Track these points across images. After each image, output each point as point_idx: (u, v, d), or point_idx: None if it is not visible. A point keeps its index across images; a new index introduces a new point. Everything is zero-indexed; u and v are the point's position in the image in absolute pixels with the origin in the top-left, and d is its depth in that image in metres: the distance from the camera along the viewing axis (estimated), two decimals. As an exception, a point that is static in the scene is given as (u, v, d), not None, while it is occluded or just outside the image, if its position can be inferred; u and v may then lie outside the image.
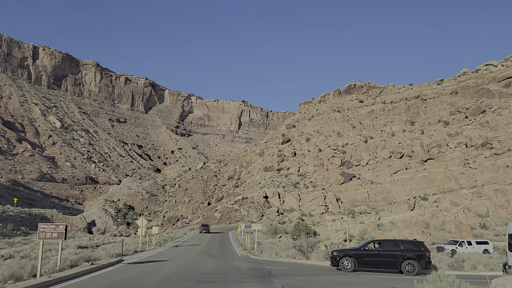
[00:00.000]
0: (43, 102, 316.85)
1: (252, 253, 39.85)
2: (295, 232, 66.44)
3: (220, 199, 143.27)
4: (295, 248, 35.16)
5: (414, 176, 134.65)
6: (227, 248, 47.23)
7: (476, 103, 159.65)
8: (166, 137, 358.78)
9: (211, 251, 41.20)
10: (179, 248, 45.37)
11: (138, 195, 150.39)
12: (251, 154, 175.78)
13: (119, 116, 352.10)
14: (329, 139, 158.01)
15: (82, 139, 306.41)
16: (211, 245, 49.48)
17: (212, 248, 45.11)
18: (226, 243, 54.41)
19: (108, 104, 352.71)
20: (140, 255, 35.94)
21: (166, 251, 41.08)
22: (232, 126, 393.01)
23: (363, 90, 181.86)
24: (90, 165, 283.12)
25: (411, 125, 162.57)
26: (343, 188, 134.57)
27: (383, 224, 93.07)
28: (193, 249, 44.02)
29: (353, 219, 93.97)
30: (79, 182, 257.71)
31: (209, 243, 52.93)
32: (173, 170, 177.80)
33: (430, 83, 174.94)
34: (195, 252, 39.38)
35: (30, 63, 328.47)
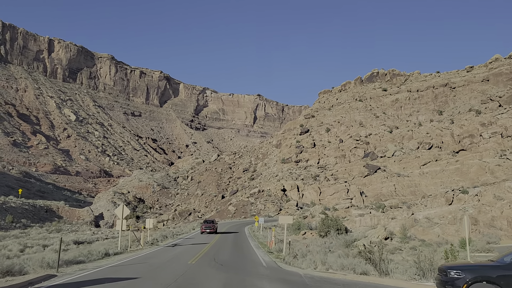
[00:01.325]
0: (58, 95, 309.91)
1: (282, 258, 27.66)
2: (323, 228, 54.92)
3: (235, 192, 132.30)
4: (361, 256, 22.51)
5: (445, 168, 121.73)
6: (243, 249, 35.14)
7: (510, 91, 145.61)
8: (180, 131, 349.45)
9: (219, 255, 29.27)
10: (176, 250, 33.69)
11: (149, 188, 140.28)
12: (267, 146, 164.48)
13: (134, 109, 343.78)
14: (351, 130, 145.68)
15: (96, 132, 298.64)
16: (221, 245, 38.18)
17: (222, 250, 33.46)
18: (241, 241, 42.98)
19: (123, 97, 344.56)
20: (105, 263, 24.21)
21: (153, 254, 29.43)
22: (247, 120, 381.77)
23: (387, 78, 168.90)
24: (104, 158, 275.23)
25: (439, 115, 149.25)
26: (367, 181, 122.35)
27: (418, 219, 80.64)
28: (195, 251, 32.20)
29: (383, 214, 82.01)
30: (93, 175, 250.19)
31: (219, 241, 41.27)
32: (186, 163, 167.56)
33: (459, 71, 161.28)
34: (193, 258, 26.72)
35: (46, 56, 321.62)
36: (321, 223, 56.07)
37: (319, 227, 55.86)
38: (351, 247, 44.69)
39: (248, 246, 37.52)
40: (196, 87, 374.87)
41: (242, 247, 36.14)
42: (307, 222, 70.80)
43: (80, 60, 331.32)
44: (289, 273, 21.06)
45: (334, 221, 55.11)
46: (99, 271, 19.97)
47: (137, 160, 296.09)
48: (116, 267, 21.69)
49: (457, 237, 60.46)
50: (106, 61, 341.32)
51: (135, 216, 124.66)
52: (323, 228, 54.99)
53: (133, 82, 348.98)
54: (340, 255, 24.93)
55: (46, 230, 79.99)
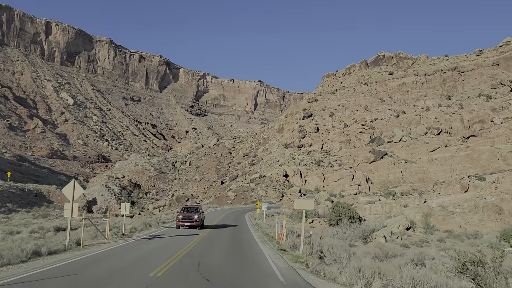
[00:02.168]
0: (56, 79, 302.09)
1: (303, 262, 18.24)
2: (333, 215, 48.43)
3: (235, 178, 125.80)
4: (459, 271, 11.72)
5: (454, 154, 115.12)
6: (244, 245, 26.07)
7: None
8: (180, 117, 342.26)
9: (208, 256, 20.21)
10: (149, 245, 24.75)
11: (146, 172, 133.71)
12: (269, 131, 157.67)
13: (133, 94, 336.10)
14: (356, 114, 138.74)
15: (95, 117, 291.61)
16: (214, 237, 29.47)
17: (214, 246, 24.57)
18: (241, 232, 34.70)
19: (122, 82, 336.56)
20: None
21: (109, 254, 20.33)
22: (248, 107, 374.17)
23: (393, 62, 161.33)
24: (103, 143, 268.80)
25: (448, 100, 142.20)
26: (373, 167, 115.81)
27: (431, 208, 74.01)
28: (174, 248, 23.20)
29: (394, 201, 75.49)
30: (90, 160, 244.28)
31: (213, 231, 34.08)
32: (184, 147, 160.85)
33: (468, 54, 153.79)
34: (164, 264, 17.34)
35: (43, 38, 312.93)
36: (331, 210, 49.54)
37: (329, 214, 49.35)
38: (369, 239, 38.22)
39: (251, 240, 28.89)
40: (197, 72, 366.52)
41: (242, 241, 27.72)
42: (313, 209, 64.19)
43: (78, 43, 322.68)
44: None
45: (346, 208, 48.54)
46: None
47: (136, 146, 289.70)
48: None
49: (482, 227, 53.91)
50: (105, 44, 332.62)
51: (130, 202, 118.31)
52: (333, 216, 48.52)
53: (132, 66, 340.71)
54: (374, 255, 17.58)
55: (32, 216, 73.38)
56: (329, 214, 49.00)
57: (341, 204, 49.11)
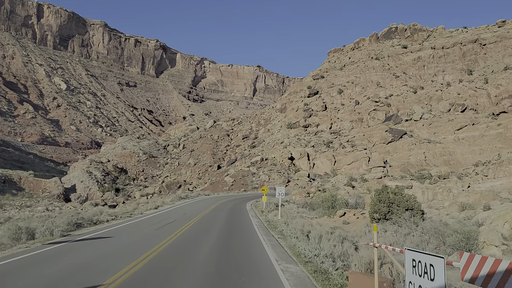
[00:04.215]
0: (48, 63, 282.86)
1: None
2: (379, 206, 31.00)
3: (233, 162, 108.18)
4: None
5: (484, 133, 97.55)
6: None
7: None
8: (177, 103, 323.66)
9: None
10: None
11: (134, 156, 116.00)
12: (270, 111, 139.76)
13: (128, 79, 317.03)
14: (368, 91, 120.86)
15: (89, 102, 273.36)
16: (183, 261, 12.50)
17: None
18: (242, 248, 15.46)
19: (117, 67, 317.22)
20: None
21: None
22: (246, 92, 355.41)
23: (407, 34, 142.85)
24: (97, 129, 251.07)
25: (469, 75, 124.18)
26: (391, 148, 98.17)
27: (478, 192, 56.04)
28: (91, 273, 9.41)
29: (434, 186, 57.96)
30: (83, 146, 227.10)
31: (188, 236, 16.22)
32: (178, 130, 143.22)
33: (489, 26, 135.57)
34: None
35: (35, 22, 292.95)
36: (375, 198, 31.90)
37: (372, 205, 31.76)
38: (476, 248, 20.82)
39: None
40: (194, 57, 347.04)
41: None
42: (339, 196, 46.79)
43: (72, 26, 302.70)
44: None
45: (400, 196, 30.93)
46: None
47: (131, 132, 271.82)
48: None
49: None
50: (99, 28, 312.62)
51: (114, 189, 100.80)
52: (378, 207, 31.02)
53: (128, 51, 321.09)
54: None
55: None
56: (371, 204, 31.69)
57: (391, 190, 31.59)
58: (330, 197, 35.96)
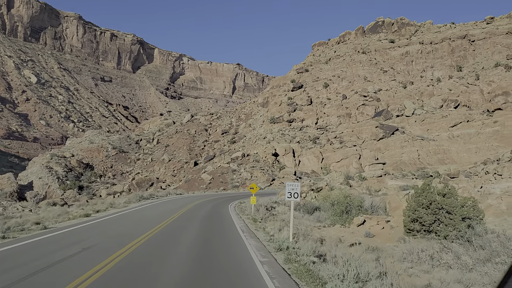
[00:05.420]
0: (18, 55, 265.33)
1: None
2: (419, 212, 21.23)
3: (211, 158, 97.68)
4: None
5: (480, 131, 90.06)
6: None
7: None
8: (155, 99, 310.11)
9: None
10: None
11: (102, 151, 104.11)
12: (251, 105, 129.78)
13: (103, 74, 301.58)
14: (355, 85, 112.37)
15: (60, 97, 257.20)
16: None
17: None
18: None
19: (92, 61, 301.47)
20: None
21: None
22: (225, 90, 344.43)
23: (394, 29, 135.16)
24: (68, 125, 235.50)
25: (458, 71, 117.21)
26: (383, 145, 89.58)
27: (493, 194, 47.12)
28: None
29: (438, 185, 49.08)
30: (53, 142, 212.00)
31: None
32: (153, 124, 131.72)
33: (477, 22, 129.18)
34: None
35: (4, 12, 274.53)
36: (413, 201, 22.24)
37: (410, 210, 22.07)
38: None
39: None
40: (172, 53, 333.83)
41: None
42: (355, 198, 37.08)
43: (44, 18, 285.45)
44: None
45: (452, 198, 21.33)
46: None
47: (105, 128, 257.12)
48: None
49: None
50: (73, 20, 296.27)
51: (77, 187, 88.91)
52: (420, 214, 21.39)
53: (103, 45, 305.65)
54: None
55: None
56: (407, 209, 22.10)
57: (438, 190, 22.02)
58: (344, 199, 26.10)
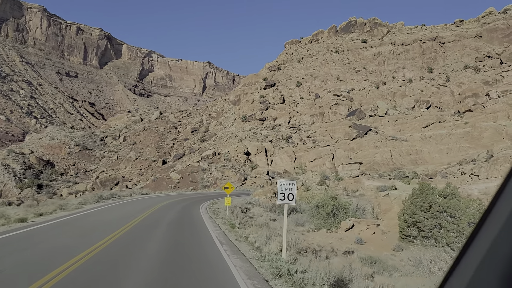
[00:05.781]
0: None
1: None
2: (417, 215, 18.57)
3: (181, 157, 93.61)
4: None
5: (451, 132, 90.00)
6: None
7: (508, 48, 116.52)
8: (122, 96, 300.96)
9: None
10: None
11: (64, 148, 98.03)
12: (222, 103, 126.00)
13: (69, 69, 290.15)
14: (328, 84, 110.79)
15: (22, 91, 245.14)
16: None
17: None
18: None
19: (57, 55, 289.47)
20: None
21: None
22: (196, 89, 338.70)
23: (366, 29, 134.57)
24: (30, 121, 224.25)
25: (429, 73, 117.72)
26: (356, 145, 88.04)
27: (471, 195, 45.50)
28: None
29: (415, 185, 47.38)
30: (14, 138, 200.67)
31: None
32: (119, 121, 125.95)
33: (447, 25, 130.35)
34: None
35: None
36: (410, 203, 19.65)
37: (407, 213, 19.45)
38: None
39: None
40: (141, 50, 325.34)
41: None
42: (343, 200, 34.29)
43: (6, 9, 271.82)
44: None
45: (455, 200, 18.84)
46: None
47: (70, 125, 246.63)
48: None
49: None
50: (37, 12, 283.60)
51: (36, 185, 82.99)
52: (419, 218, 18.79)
53: (69, 39, 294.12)
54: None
55: None
56: (403, 212, 19.45)
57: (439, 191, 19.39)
58: (330, 201, 23.19)
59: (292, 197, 11.00)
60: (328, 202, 22.91)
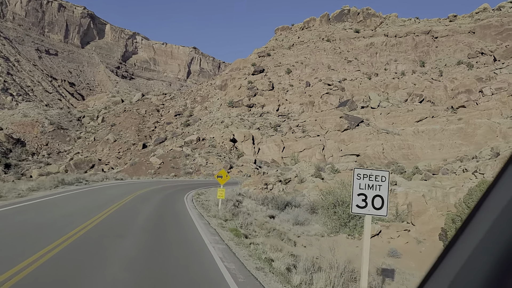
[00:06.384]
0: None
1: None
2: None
3: (162, 141, 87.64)
4: None
5: (445, 127, 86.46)
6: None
7: (502, 45, 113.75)
8: (104, 77, 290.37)
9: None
10: None
11: (37, 126, 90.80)
12: (208, 88, 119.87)
13: (49, 47, 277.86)
14: (319, 73, 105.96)
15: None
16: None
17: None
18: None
19: (37, 32, 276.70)
20: None
21: None
22: (180, 74, 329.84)
23: (359, 18, 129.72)
24: (6, 98, 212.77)
25: (421, 67, 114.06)
26: (347, 137, 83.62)
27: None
28: None
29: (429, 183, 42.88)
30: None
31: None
32: (99, 101, 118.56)
33: (440, 19, 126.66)
34: None
35: None
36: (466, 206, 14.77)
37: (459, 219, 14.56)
38: None
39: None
40: (125, 31, 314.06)
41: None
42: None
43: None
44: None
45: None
46: None
47: (48, 104, 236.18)
48: None
49: None
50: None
51: (4, 164, 75.95)
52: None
53: (50, 15, 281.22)
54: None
55: None
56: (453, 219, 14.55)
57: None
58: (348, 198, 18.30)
59: (381, 204, 5.97)
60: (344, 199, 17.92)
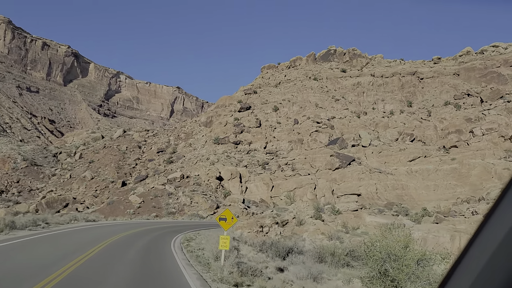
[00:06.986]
0: None
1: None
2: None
3: (143, 179, 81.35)
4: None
5: (438, 167, 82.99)
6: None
7: (487, 88, 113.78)
8: (86, 115, 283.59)
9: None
10: None
11: (8, 162, 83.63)
12: (193, 125, 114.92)
13: (30, 84, 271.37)
14: (306, 110, 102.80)
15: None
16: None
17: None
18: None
19: (18, 69, 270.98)
20: None
21: None
22: (163, 113, 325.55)
23: (346, 59, 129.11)
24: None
25: (409, 107, 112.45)
26: (339, 176, 79.09)
27: None
28: None
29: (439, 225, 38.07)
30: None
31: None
32: (78, 137, 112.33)
33: (425, 61, 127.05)
34: None
35: None
36: None
37: None
38: None
39: None
40: (109, 70, 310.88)
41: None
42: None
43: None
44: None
45: None
46: None
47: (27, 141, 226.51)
48: None
49: None
50: (1, 24, 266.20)
51: (-34, 203, 68.32)
52: None
53: (33, 53, 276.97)
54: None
55: None
56: None
57: None
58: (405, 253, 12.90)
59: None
60: (402, 253, 12.69)
